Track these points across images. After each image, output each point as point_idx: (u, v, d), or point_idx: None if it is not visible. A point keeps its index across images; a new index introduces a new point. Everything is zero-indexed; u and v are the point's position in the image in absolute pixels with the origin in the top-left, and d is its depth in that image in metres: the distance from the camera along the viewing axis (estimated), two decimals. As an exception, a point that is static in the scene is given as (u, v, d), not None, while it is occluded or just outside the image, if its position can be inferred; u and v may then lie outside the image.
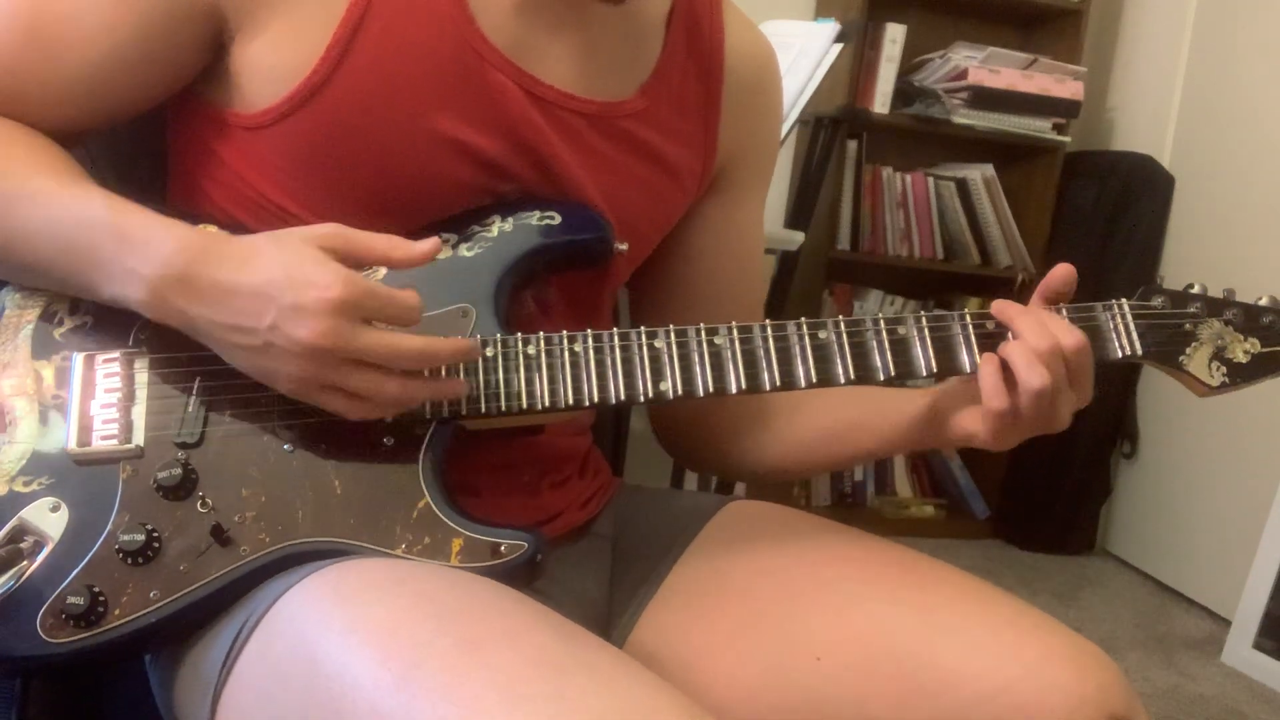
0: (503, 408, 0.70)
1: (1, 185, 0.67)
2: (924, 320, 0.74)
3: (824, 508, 2.87)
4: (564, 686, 0.52)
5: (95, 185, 0.68)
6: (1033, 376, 0.69)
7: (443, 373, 0.69)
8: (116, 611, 0.64)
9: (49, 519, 0.66)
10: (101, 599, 0.63)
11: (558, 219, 0.75)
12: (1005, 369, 0.71)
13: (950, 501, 2.97)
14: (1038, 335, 0.70)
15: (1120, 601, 2.55)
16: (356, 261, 0.65)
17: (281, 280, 0.62)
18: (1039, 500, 2.83)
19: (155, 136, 0.81)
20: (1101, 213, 2.75)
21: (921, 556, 0.78)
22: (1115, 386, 2.77)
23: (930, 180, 2.79)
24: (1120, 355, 0.75)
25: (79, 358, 0.69)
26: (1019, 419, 0.72)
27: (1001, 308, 0.73)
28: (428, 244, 0.66)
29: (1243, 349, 0.77)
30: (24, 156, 0.69)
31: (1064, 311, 0.75)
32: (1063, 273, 0.75)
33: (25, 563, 0.64)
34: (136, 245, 0.64)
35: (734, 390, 0.72)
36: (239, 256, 0.64)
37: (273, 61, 0.70)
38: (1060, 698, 0.66)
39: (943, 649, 0.69)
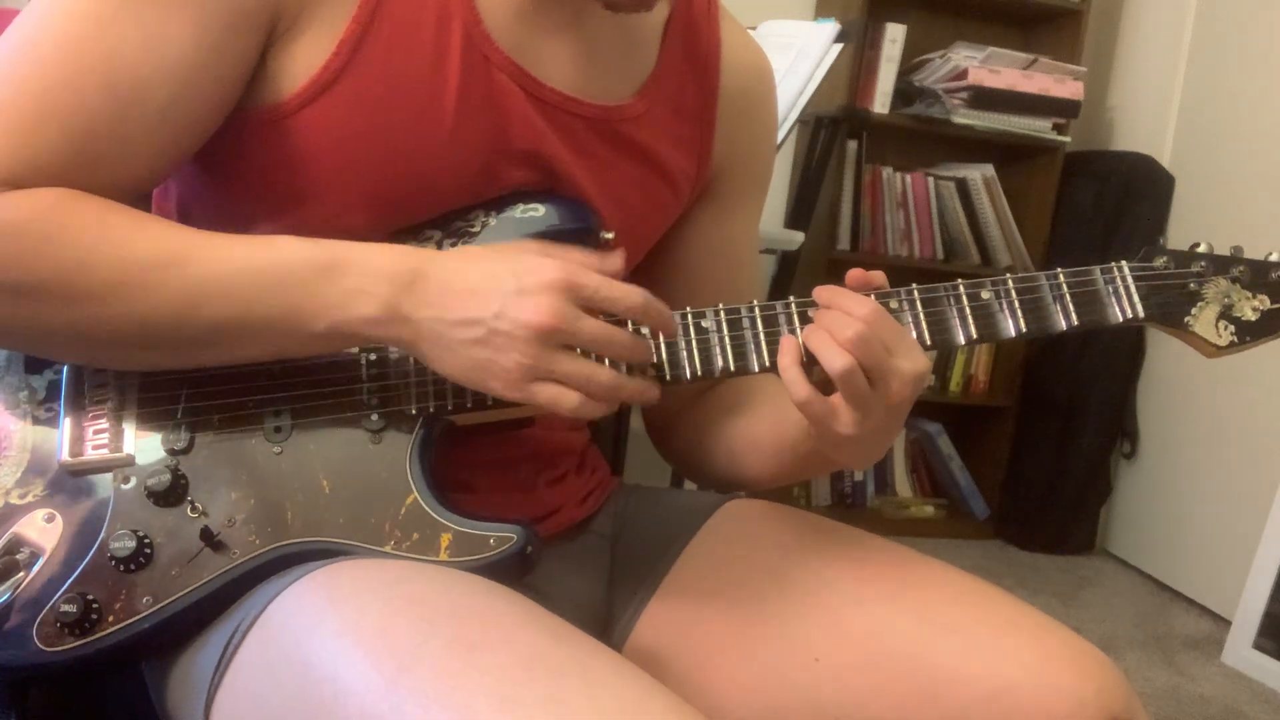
0: (491, 399, 0.69)
1: (161, 251, 0.63)
2: (915, 293, 0.73)
3: (824, 508, 2.87)
4: (556, 688, 0.52)
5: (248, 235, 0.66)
6: (834, 359, 0.66)
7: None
8: (110, 619, 0.64)
9: (44, 530, 0.66)
10: (95, 606, 0.64)
11: (541, 210, 0.75)
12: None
13: (950, 501, 2.97)
14: (832, 320, 0.68)
15: (1120, 601, 2.55)
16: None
17: (504, 271, 0.64)
18: (1039, 500, 2.83)
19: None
20: (1101, 213, 2.75)
21: (921, 556, 0.78)
22: (1115, 387, 2.77)
23: (930, 180, 2.79)
24: (1121, 319, 0.73)
25: (69, 369, 0.69)
26: (839, 407, 0.68)
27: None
28: (617, 255, 0.69)
29: (1251, 306, 0.74)
30: (157, 223, 0.65)
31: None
32: (852, 283, 0.73)
33: (21, 574, 0.65)
34: (354, 266, 0.64)
35: (719, 373, 0.72)
36: (460, 258, 0.66)
37: (298, 60, 0.69)
38: (1060, 698, 0.65)
39: (942, 649, 0.69)
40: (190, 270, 0.63)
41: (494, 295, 0.63)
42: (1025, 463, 2.87)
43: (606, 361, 0.67)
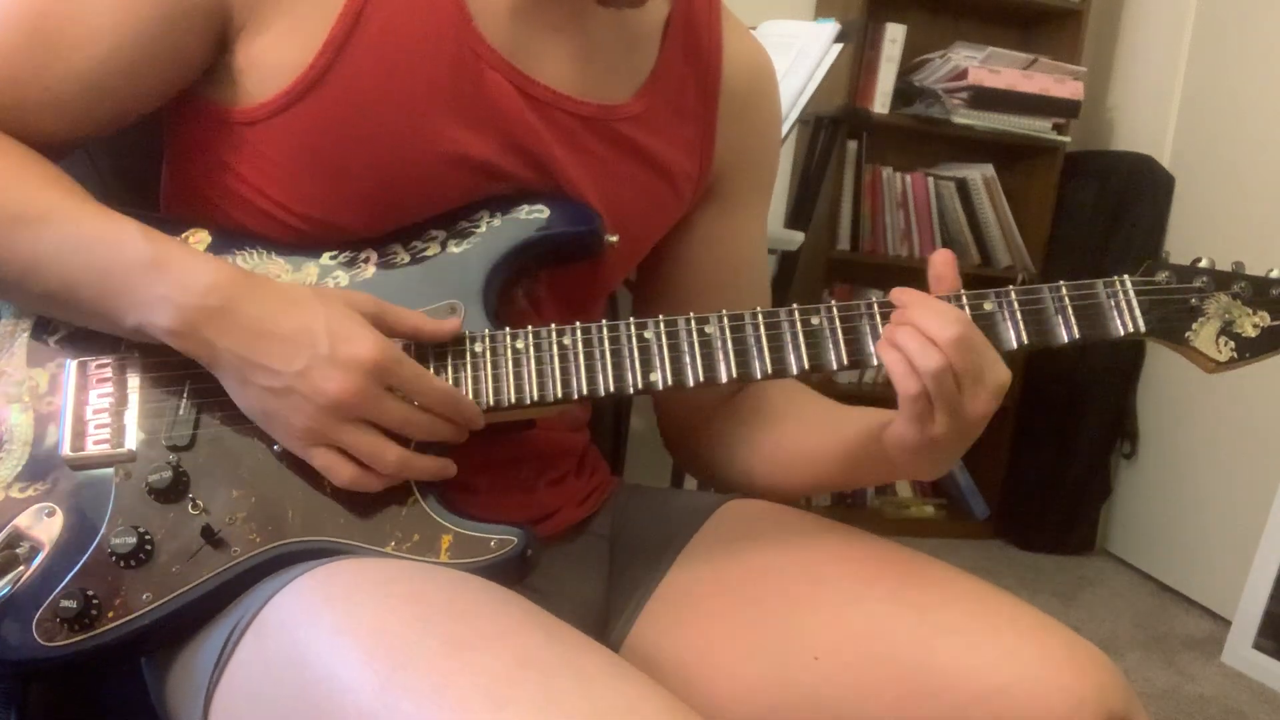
0: (491, 402, 0.70)
1: (23, 207, 0.65)
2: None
3: (824, 507, 2.87)
4: (550, 688, 0.52)
5: (119, 213, 0.67)
6: (927, 359, 0.66)
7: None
8: (110, 614, 0.64)
9: (44, 524, 0.66)
10: (95, 602, 0.64)
11: (546, 212, 0.75)
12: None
13: (950, 501, 2.97)
14: (925, 319, 0.68)
15: (1120, 601, 2.55)
16: (387, 329, 0.67)
17: (322, 331, 0.64)
18: (1039, 500, 2.83)
19: (154, 131, 0.80)
20: (1101, 213, 2.75)
21: (921, 556, 0.78)
22: (1115, 386, 2.77)
23: (930, 180, 2.79)
24: (1122, 332, 0.73)
25: (72, 364, 0.69)
26: (932, 408, 0.68)
27: (897, 295, 0.71)
28: (451, 323, 0.69)
29: (1251, 322, 0.74)
30: (38, 177, 0.67)
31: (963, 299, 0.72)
32: (939, 259, 0.72)
33: (21, 568, 0.65)
34: (173, 273, 0.64)
35: (724, 379, 0.71)
36: (282, 300, 0.65)
37: (274, 58, 0.70)
38: (1060, 698, 0.65)
39: (942, 649, 0.69)
40: (42, 233, 0.65)
41: (302, 353, 0.63)
42: (1025, 463, 2.87)
43: (607, 355, 0.67)
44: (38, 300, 0.68)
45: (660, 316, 0.72)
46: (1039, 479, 2.83)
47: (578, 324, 0.71)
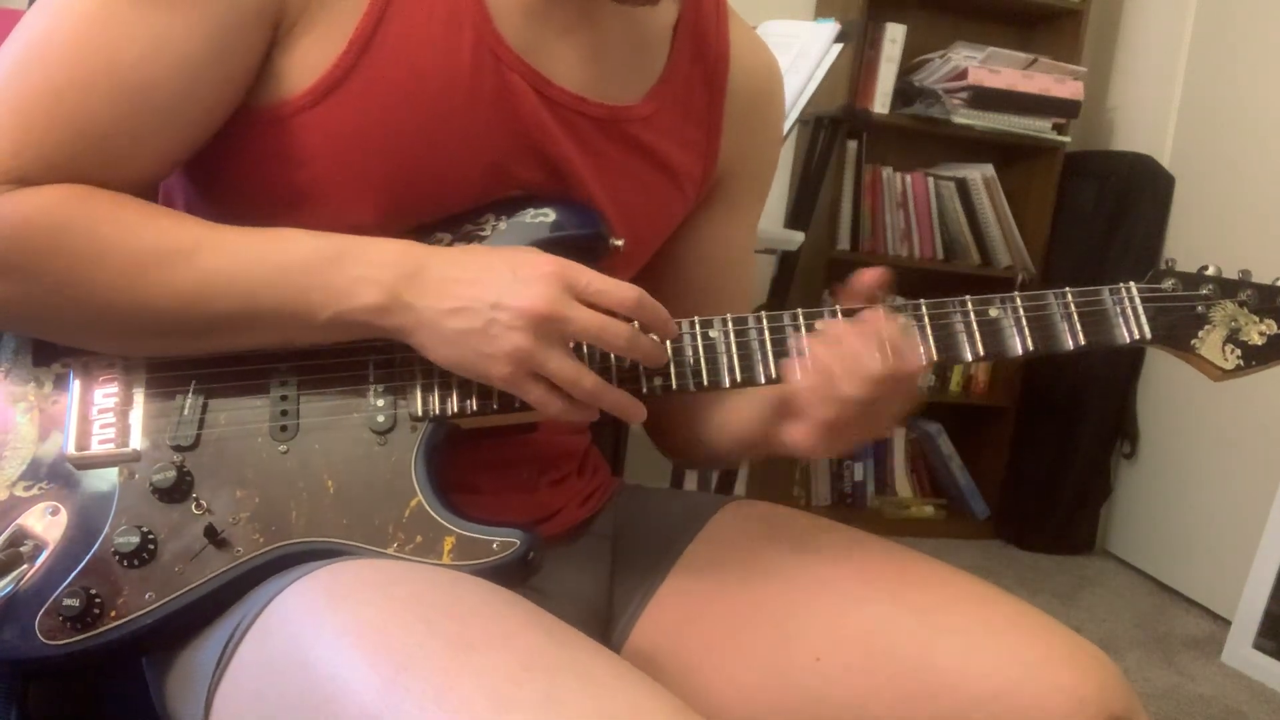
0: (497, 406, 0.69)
1: (171, 243, 0.65)
2: (924, 308, 0.74)
3: (824, 508, 2.87)
4: (554, 690, 0.52)
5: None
6: (851, 388, 0.67)
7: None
8: (113, 613, 0.64)
9: (48, 523, 0.66)
10: (98, 601, 0.64)
11: (552, 216, 0.75)
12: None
13: (950, 501, 2.98)
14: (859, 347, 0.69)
15: (1120, 601, 2.55)
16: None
17: (501, 264, 0.66)
18: (1039, 500, 2.83)
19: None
20: (1101, 213, 2.75)
21: (921, 556, 0.78)
22: (1115, 387, 2.77)
23: (930, 180, 2.79)
24: (1128, 340, 0.73)
25: (77, 364, 0.69)
26: (842, 428, 0.69)
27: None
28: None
29: (1258, 331, 0.74)
30: (164, 214, 0.67)
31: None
32: (867, 277, 0.74)
33: (25, 566, 0.65)
34: (358, 257, 0.66)
35: (728, 384, 0.72)
36: (460, 252, 0.69)
37: (308, 58, 0.69)
38: (1060, 698, 0.66)
39: (942, 650, 0.69)
40: (199, 261, 0.65)
41: (492, 286, 0.65)
42: (1025, 463, 2.87)
43: (613, 360, 0.68)
44: (201, 331, 0.67)
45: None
46: (1039, 479, 2.83)
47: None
